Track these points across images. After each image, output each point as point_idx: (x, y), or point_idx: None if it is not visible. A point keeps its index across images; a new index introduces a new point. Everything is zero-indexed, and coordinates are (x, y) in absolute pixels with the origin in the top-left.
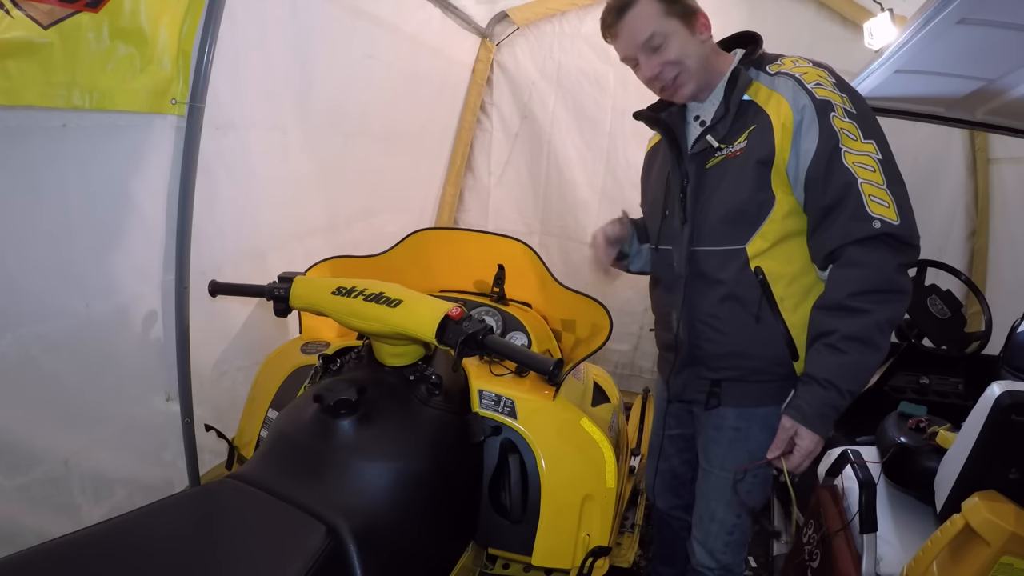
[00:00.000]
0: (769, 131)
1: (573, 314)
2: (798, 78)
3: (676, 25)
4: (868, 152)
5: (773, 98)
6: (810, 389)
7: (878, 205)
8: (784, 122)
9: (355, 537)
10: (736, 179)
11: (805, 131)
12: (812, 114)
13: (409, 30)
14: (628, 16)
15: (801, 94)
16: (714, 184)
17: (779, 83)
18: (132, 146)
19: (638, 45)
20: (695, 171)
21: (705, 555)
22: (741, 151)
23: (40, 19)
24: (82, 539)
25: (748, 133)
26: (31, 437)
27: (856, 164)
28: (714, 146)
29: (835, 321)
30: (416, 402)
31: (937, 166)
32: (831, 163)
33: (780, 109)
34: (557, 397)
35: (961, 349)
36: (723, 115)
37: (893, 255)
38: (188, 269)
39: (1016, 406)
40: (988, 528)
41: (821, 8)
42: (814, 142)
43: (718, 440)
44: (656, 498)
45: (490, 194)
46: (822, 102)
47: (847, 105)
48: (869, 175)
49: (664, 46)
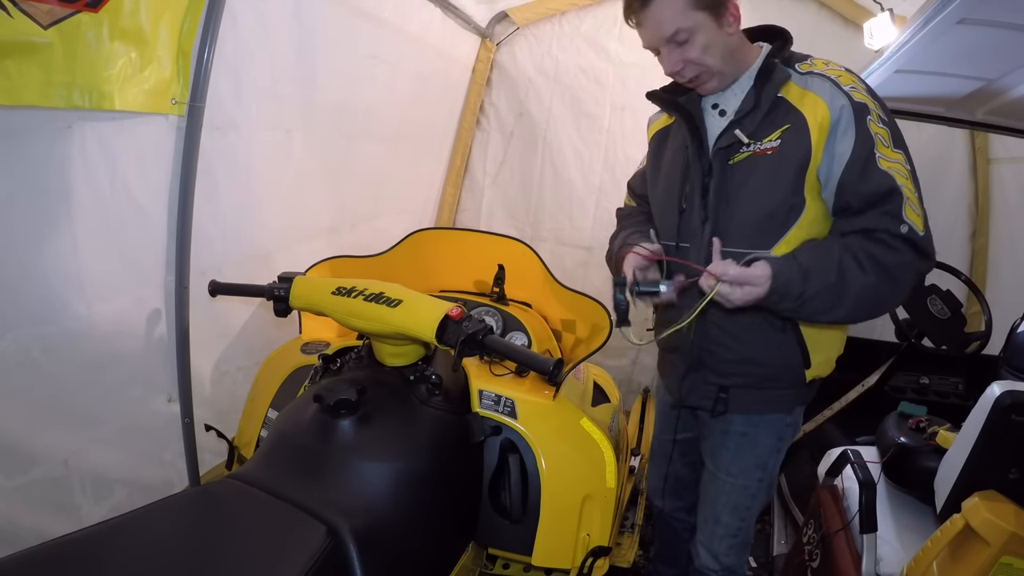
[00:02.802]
0: (805, 131)
1: (573, 314)
2: (833, 79)
3: (703, 18)
4: (900, 160)
5: (807, 97)
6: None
7: (912, 212)
8: (821, 123)
9: (355, 537)
10: (769, 180)
11: (842, 133)
12: (850, 116)
13: (411, 30)
14: (653, 5)
15: (838, 95)
16: (740, 182)
17: (813, 82)
18: (132, 146)
19: (662, 38)
20: (719, 166)
21: (709, 557)
22: (774, 150)
23: (40, 19)
24: (82, 539)
25: (782, 132)
26: (31, 437)
27: (891, 169)
28: (744, 142)
29: (841, 252)
30: (416, 402)
31: (940, 167)
32: (867, 166)
33: (816, 109)
34: (557, 397)
35: (961, 349)
36: (751, 109)
37: (913, 257)
38: (188, 269)
39: (1016, 406)
40: (988, 528)
41: (821, 8)
42: (850, 144)
43: (725, 445)
44: (659, 502)
45: (484, 195)
46: (860, 104)
47: (880, 112)
48: (904, 181)
49: (689, 41)
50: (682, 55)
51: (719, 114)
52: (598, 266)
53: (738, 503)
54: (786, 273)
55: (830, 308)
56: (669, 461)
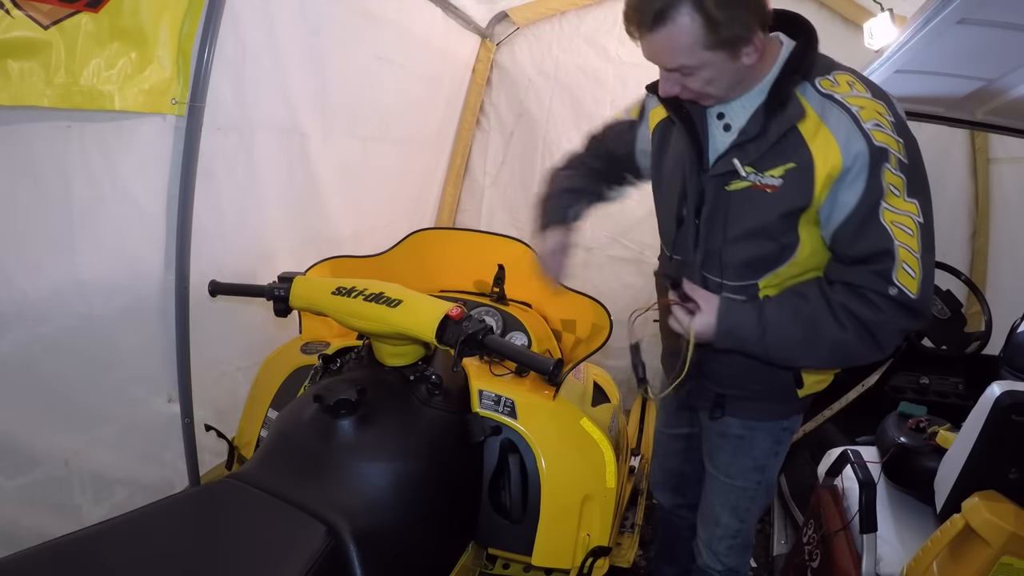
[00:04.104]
0: (810, 177)
1: (573, 314)
2: (855, 114)
3: (715, 56)
4: (910, 213)
5: (821, 134)
6: (750, 312)
7: (906, 275)
8: (831, 172)
9: (355, 537)
10: (764, 220)
11: (850, 183)
12: (864, 164)
13: (413, 30)
14: (660, 33)
15: (856, 138)
16: (735, 213)
17: (831, 114)
18: (132, 146)
19: (663, 66)
20: (713, 192)
21: (711, 557)
22: (774, 189)
23: (40, 19)
24: (82, 539)
25: (786, 170)
26: (32, 437)
27: (895, 224)
28: (741, 174)
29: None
30: (416, 402)
31: (941, 167)
32: (867, 222)
33: (828, 153)
34: (557, 397)
35: (961, 349)
36: (757, 134)
37: (899, 317)
38: (188, 269)
39: (1016, 406)
40: (988, 528)
41: (821, 8)
42: (856, 196)
43: (723, 447)
44: (660, 496)
45: (484, 195)
46: (879, 150)
47: (901, 154)
48: (906, 239)
49: (693, 75)
50: (681, 82)
51: (723, 128)
52: (598, 266)
53: (736, 504)
54: (736, 316)
55: (801, 357)
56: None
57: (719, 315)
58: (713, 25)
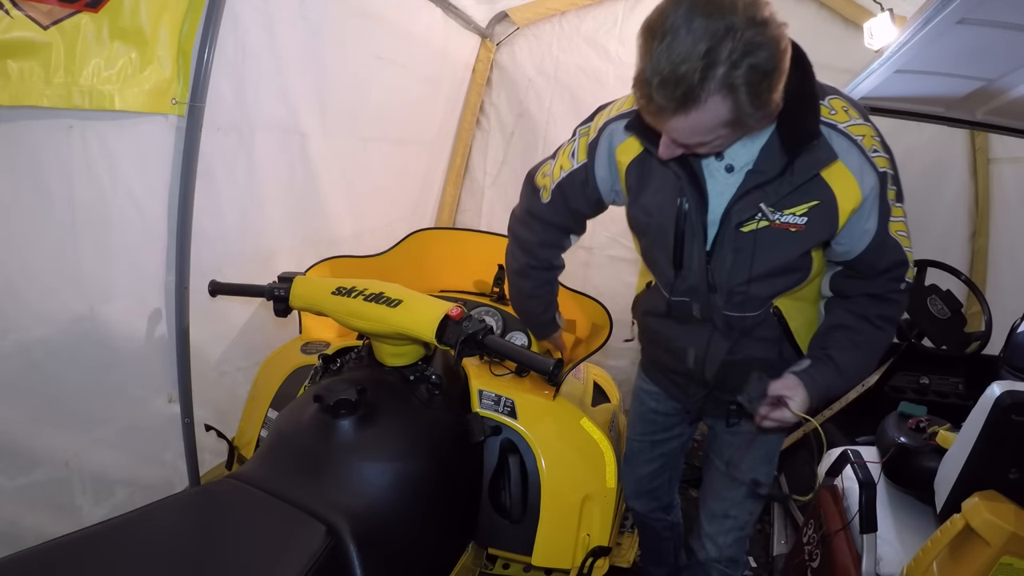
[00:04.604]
0: (834, 212)
1: (573, 314)
2: (859, 143)
3: (733, 133)
4: (902, 217)
5: (837, 171)
6: (827, 367)
7: (911, 271)
8: (853, 206)
9: (355, 537)
10: (787, 257)
11: (868, 211)
12: (876, 193)
13: (414, 31)
14: (685, 118)
15: (867, 170)
16: (761, 253)
17: (840, 147)
18: (133, 146)
19: (675, 140)
20: (730, 235)
21: (716, 550)
22: (799, 228)
23: (40, 19)
24: (82, 539)
25: (809, 208)
26: (32, 438)
27: (899, 233)
28: (770, 219)
29: (862, 324)
30: (416, 402)
31: (941, 167)
32: (884, 239)
33: (847, 189)
34: (557, 397)
35: (961, 349)
36: (778, 175)
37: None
38: (188, 269)
39: (1016, 406)
40: (988, 528)
41: (821, 8)
42: (875, 223)
43: (733, 444)
44: (634, 504)
45: (484, 195)
46: (882, 175)
47: (891, 168)
48: (906, 242)
49: (706, 144)
50: (686, 148)
51: (725, 169)
52: (598, 266)
53: (746, 497)
54: (820, 381)
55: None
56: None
57: (809, 391)
58: (740, 115)
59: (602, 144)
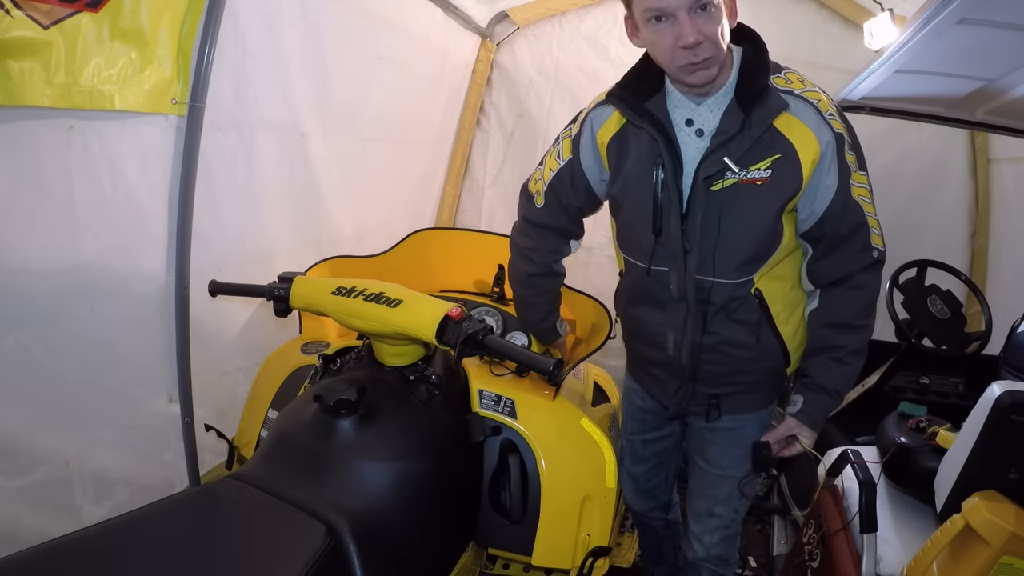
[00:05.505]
0: (796, 164)
1: (573, 314)
2: (815, 105)
3: None
4: (864, 184)
5: (795, 126)
6: (820, 398)
7: (876, 236)
8: (813, 158)
9: (355, 537)
10: (757, 212)
11: (827, 168)
12: (833, 149)
13: (413, 30)
14: None
15: (824, 127)
16: (726, 212)
17: (797, 107)
18: (133, 146)
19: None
20: (702, 195)
21: (703, 549)
22: (764, 181)
23: (40, 19)
24: (82, 539)
25: (772, 161)
26: (33, 438)
27: (860, 198)
28: (733, 170)
29: (843, 338)
30: (416, 402)
31: (940, 167)
32: (846, 200)
33: (806, 142)
34: (557, 397)
35: (961, 349)
36: (737, 131)
37: (880, 275)
38: (188, 270)
39: (1016, 406)
40: (988, 528)
41: (821, 8)
42: (836, 179)
43: (714, 442)
44: (631, 503)
45: (484, 195)
46: (839, 135)
47: (848, 135)
48: (869, 208)
49: (712, 14)
50: (702, 26)
51: (696, 133)
52: (598, 266)
53: (730, 494)
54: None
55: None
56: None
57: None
58: None
59: (584, 134)
